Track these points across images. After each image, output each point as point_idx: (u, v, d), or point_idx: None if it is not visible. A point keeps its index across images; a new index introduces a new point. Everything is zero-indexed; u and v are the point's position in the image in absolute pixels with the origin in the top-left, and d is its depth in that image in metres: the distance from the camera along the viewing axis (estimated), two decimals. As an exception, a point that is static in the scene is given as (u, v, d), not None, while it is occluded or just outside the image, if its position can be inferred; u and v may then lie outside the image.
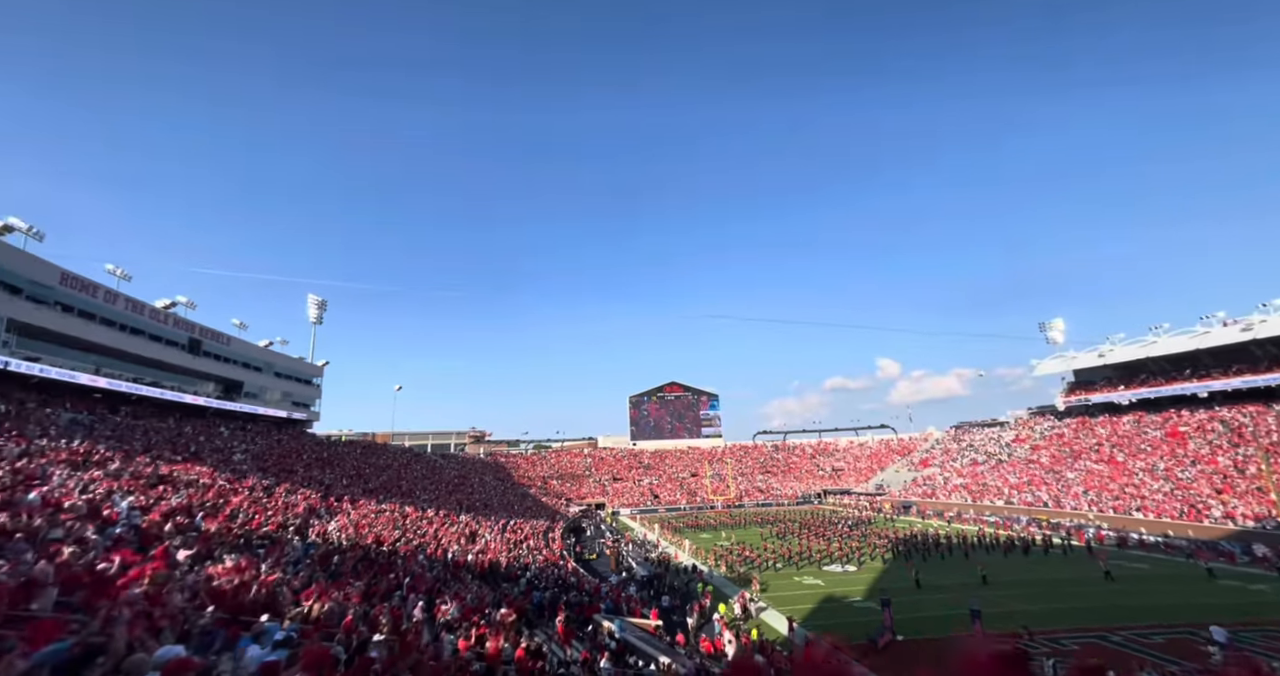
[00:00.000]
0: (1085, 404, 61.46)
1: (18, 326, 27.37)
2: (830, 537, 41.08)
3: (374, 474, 45.25)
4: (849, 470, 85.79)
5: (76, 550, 7.93)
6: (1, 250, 26.80)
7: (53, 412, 25.36)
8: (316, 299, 62.84)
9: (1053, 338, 71.07)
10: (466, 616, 12.72)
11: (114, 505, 13.16)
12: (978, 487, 55.87)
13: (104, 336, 32.24)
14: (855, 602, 24.21)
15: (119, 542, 10.03)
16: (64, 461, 17.40)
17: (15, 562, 6.72)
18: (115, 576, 6.93)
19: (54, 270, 29.33)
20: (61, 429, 23.20)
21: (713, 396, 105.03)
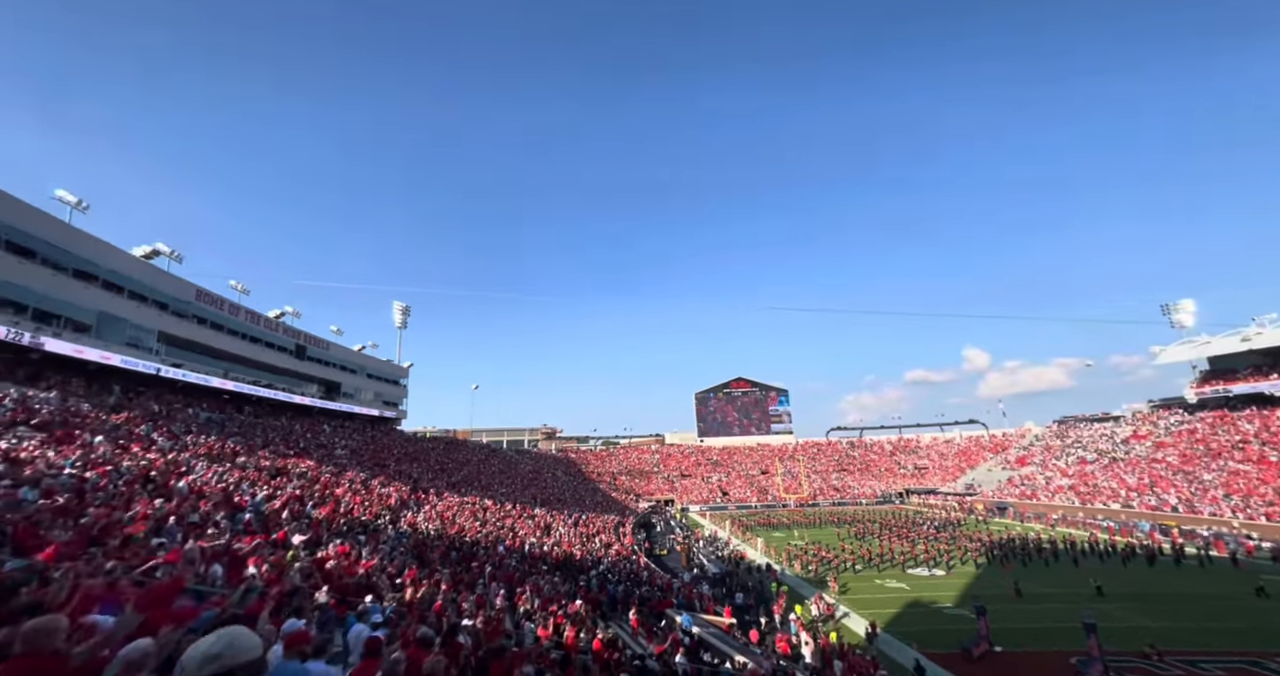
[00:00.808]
0: (1224, 395, 53.40)
1: (165, 337, 31.78)
2: (915, 539, 38.66)
3: (456, 468, 48.22)
4: (934, 468, 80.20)
5: (215, 532, 9.08)
6: (151, 272, 31.22)
7: (193, 412, 29.21)
8: (401, 305, 67.72)
9: (1179, 321, 62.26)
10: (545, 606, 13.22)
11: (242, 493, 14.95)
12: (1087, 489, 50.25)
13: (229, 344, 36.68)
14: (945, 609, 22.64)
15: (247, 527, 11.34)
16: (203, 455, 20.01)
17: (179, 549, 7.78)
18: (246, 556, 7.88)
19: (190, 287, 33.77)
20: (200, 426, 26.68)
21: (782, 392, 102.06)
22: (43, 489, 9.37)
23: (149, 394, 28.28)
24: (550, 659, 7.52)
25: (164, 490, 12.48)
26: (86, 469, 12.18)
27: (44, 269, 24.37)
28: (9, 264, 22.66)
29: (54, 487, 9.78)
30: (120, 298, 28.53)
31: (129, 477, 12.51)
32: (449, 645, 6.11)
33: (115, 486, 11.33)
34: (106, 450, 15.08)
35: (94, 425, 17.96)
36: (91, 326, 26.51)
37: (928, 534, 41.39)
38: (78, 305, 25.92)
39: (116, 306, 28.17)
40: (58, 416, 17.12)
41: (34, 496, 8.80)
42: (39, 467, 10.99)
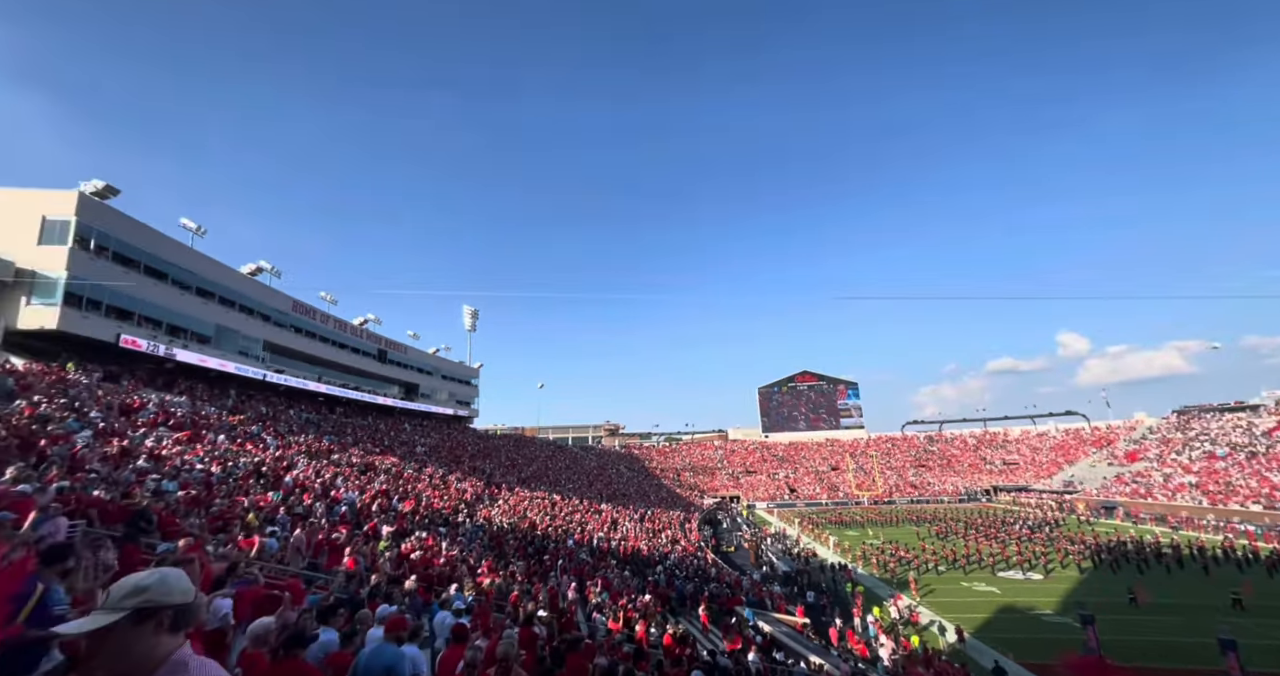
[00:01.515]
0: (1396, 377, 45.11)
1: (269, 346, 35.39)
2: (1005, 540, 35.77)
3: (525, 464, 50.18)
4: (1026, 464, 73.73)
5: (315, 522, 9.98)
6: (256, 287, 34.83)
7: (294, 413, 32.33)
8: (470, 309, 71.27)
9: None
10: (615, 600, 13.46)
11: (337, 488, 16.34)
12: (1219, 488, 44.24)
13: (321, 350, 40.21)
14: (1043, 616, 20.80)
15: (342, 518, 12.38)
16: (303, 452, 22.09)
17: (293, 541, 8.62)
18: (343, 545, 8.61)
19: (288, 299, 37.33)
20: (300, 426, 29.48)
21: (851, 384, 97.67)
22: (180, 482, 10.73)
23: (258, 397, 31.58)
24: (624, 652, 7.65)
25: (273, 483, 13.90)
26: (212, 464, 13.81)
27: (174, 289, 27.81)
28: (147, 285, 26.04)
29: (188, 481, 11.17)
30: (233, 311, 32.04)
31: (245, 472, 14.04)
32: (526, 635, 6.36)
33: (234, 480, 12.75)
34: (227, 448, 17.01)
35: (216, 425, 20.30)
36: (211, 338, 29.96)
37: (1020, 534, 38.14)
38: (200, 319, 29.38)
39: (230, 319, 31.66)
40: (188, 418, 19.52)
41: (174, 488, 10.09)
42: (176, 463, 12.58)
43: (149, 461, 11.66)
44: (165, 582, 1.46)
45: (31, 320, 21.48)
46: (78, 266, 22.41)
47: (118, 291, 24.20)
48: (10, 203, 22.68)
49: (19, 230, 22.17)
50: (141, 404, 18.20)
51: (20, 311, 21.47)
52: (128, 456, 11.39)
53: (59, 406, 13.67)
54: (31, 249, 22.07)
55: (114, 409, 16.31)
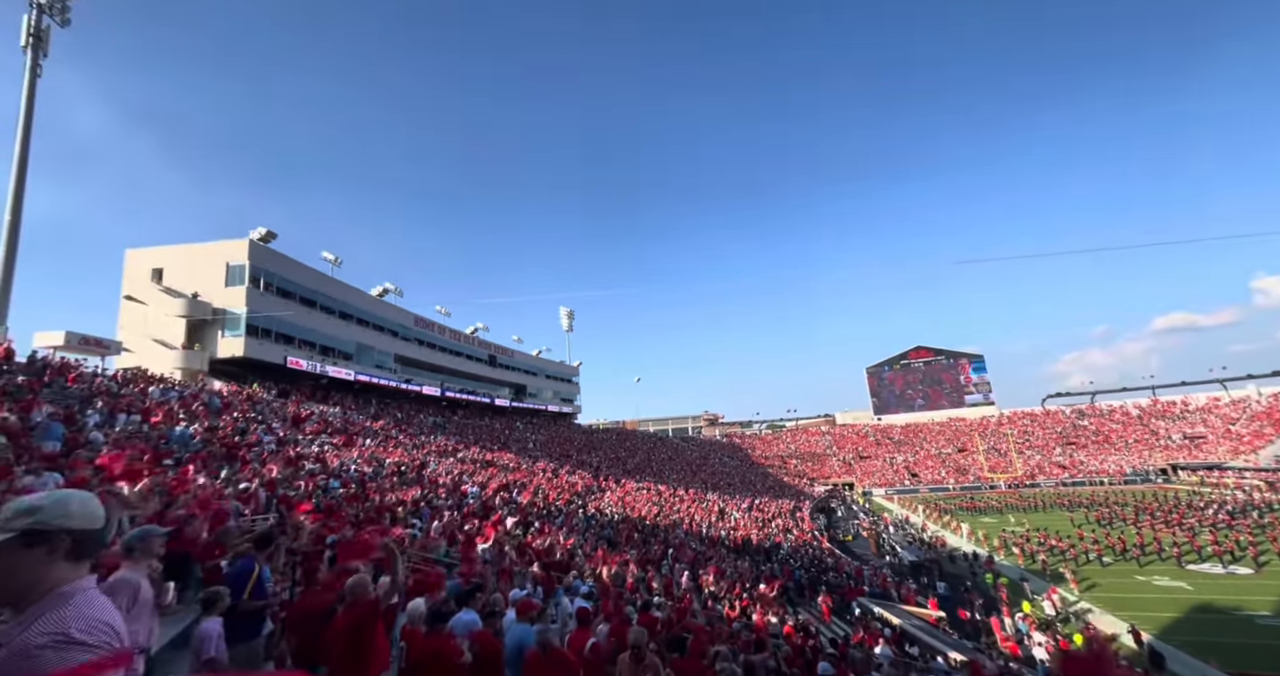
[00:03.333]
0: None
1: (399, 358, 39.98)
2: (1195, 527, 30.12)
3: (629, 456, 51.70)
4: (1217, 437, 61.29)
5: (450, 515, 11.08)
6: (385, 307, 39.48)
7: (423, 417, 36.26)
8: (566, 310, 74.74)
9: None
10: (730, 588, 13.44)
11: (465, 483, 18.04)
12: None
13: (440, 359, 44.57)
14: (1256, 618, 17.25)
15: (471, 511, 13.62)
16: (434, 451, 24.68)
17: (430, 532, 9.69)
18: (475, 534, 9.48)
19: (410, 315, 41.84)
20: (429, 429, 32.97)
21: (975, 358, 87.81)
22: (341, 480, 12.52)
23: (393, 404, 35.80)
24: (744, 640, 7.61)
25: (412, 480, 15.70)
26: (364, 465, 15.93)
27: (321, 314, 32.45)
28: (302, 313, 30.65)
29: (348, 479, 13.00)
30: (368, 330, 36.61)
31: (389, 471, 16.01)
32: (645, 620, 6.56)
33: (381, 478, 14.59)
34: (374, 450, 19.53)
35: (363, 431, 23.38)
36: (353, 355, 34.50)
37: (1216, 520, 31.85)
38: (344, 339, 33.95)
39: (366, 337, 36.22)
40: (341, 425, 22.71)
41: (337, 486, 11.81)
42: (336, 465, 14.70)
43: (315, 464, 13.74)
44: (63, 504, 1.30)
45: (226, 349, 26.31)
46: (253, 302, 27.00)
47: (283, 321, 28.72)
48: (203, 254, 27.87)
49: (212, 276, 27.23)
50: (308, 415, 21.46)
51: (219, 343, 26.37)
52: (302, 459, 13.53)
53: (251, 420, 16.58)
54: (222, 291, 26.99)
55: (288, 421, 19.41)
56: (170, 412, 13.41)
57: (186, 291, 26.50)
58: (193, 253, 28.01)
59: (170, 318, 25.84)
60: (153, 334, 25.62)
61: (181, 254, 28.03)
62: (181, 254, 28.03)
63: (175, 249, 28.45)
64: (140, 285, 26.81)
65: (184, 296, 26.23)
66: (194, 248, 28.37)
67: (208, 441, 11.83)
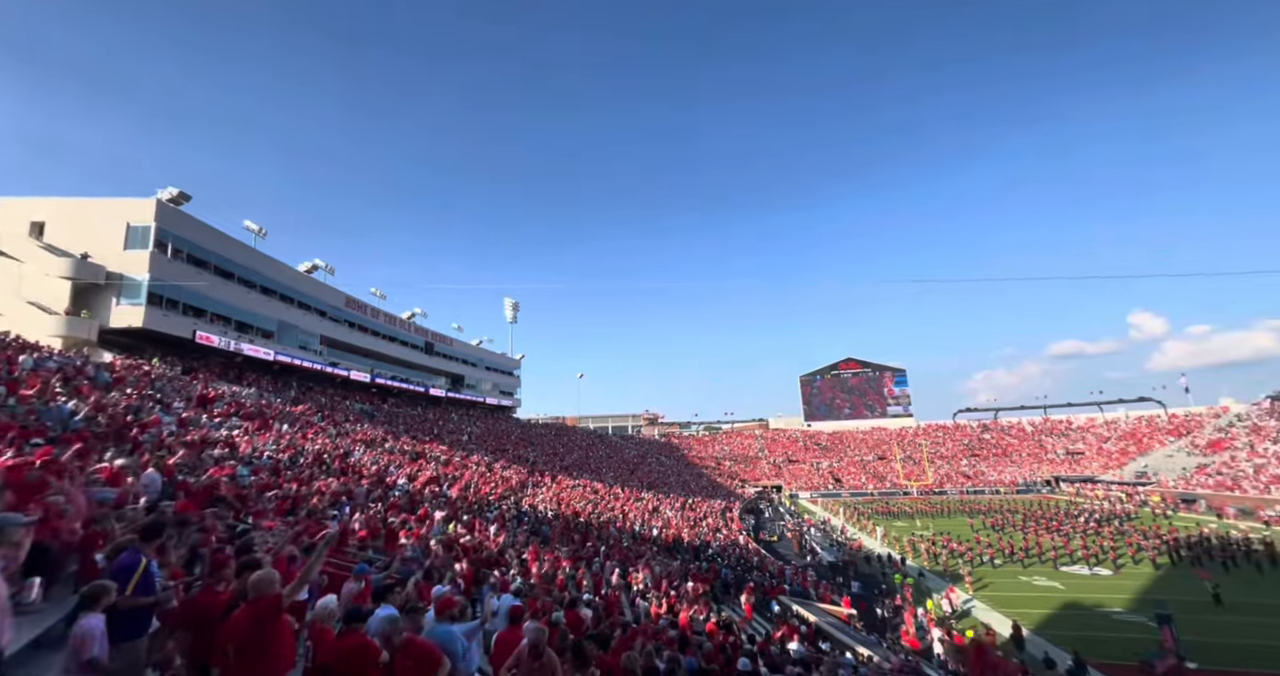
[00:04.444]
0: None
1: (325, 340, 37.42)
2: (1070, 533, 33.87)
3: (566, 453, 51.25)
4: (1093, 453, 69.25)
5: (375, 508, 10.52)
6: (313, 284, 36.81)
7: (349, 403, 34.17)
8: (511, 301, 72.90)
9: None
10: (657, 586, 13.62)
11: (391, 474, 17.19)
12: (1317, 480, 40.24)
13: (372, 344, 42.19)
14: (1114, 614, 19.63)
15: (398, 505, 13.00)
16: (360, 440, 23.33)
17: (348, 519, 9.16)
18: (399, 529, 9.05)
19: (341, 295, 39.28)
20: (355, 416, 31.13)
21: (899, 371, 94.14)
22: (253, 468, 11.55)
23: (317, 389, 33.51)
24: (668, 637, 7.74)
25: (333, 470, 14.76)
26: (279, 452, 14.79)
27: (240, 287, 29.78)
28: (217, 285, 27.99)
29: (260, 467, 12.02)
30: (292, 308, 34.00)
31: (308, 460, 14.97)
32: (572, 617, 6.52)
33: (299, 467, 13.62)
34: (291, 436, 18.17)
35: (281, 415, 21.71)
36: (274, 333, 31.94)
37: (1086, 527, 35.98)
38: (264, 316, 31.34)
39: (290, 315, 33.63)
40: (257, 408, 20.96)
41: (247, 473, 10.88)
42: (248, 451, 13.55)
43: (224, 449, 12.61)
44: None
45: (121, 319, 23.54)
46: (158, 269, 24.33)
47: (192, 291, 26.11)
48: (100, 211, 24.80)
49: (108, 236, 24.24)
50: (216, 395, 19.65)
51: (112, 311, 23.55)
52: (206, 444, 12.36)
53: (147, 397, 14.95)
54: (119, 254, 24.11)
55: (193, 400, 17.68)
56: (46, 385, 11.83)
57: (74, 250, 23.47)
58: (85, 208, 24.86)
59: (51, 278, 22.76)
60: (28, 296, 22.49)
61: (70, 208, 24.81)
62: (70, 208, 24.81)
63: (62, 202, 25.13)
64: (15, 240, 23.47)
65: (70, 256, 23.19)
66: (86, 202, 25.19)
67: (91, 420, 10.54)
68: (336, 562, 6.39)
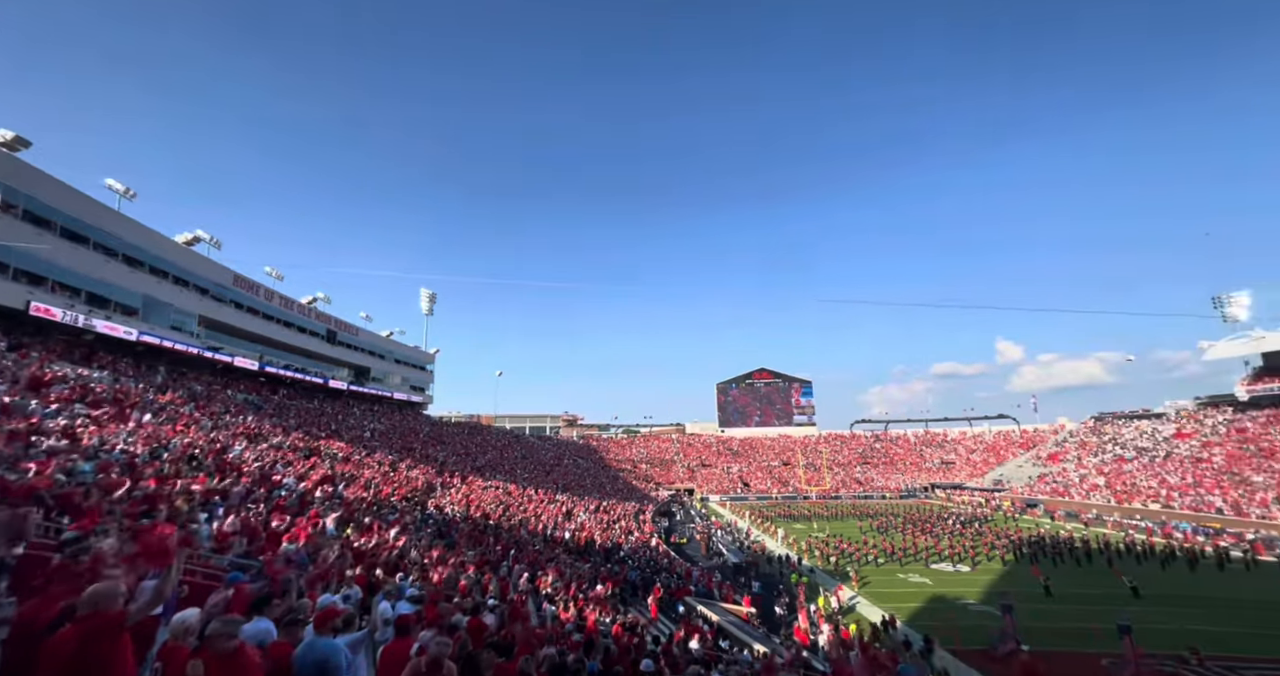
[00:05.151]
0: (1278, 394, 50.58)
1: (205, 321, 33.14)
2: (940, 534, 38.00)
3: (480, 453, 49.29)
4: (961, 463, 78.40)
5: (256, 509, 9.45)
6: (193, 258, 32.46)
7: (231, 393, 30.46)
8: (428, 292, 68.97)
9: (1233, 314, 58.94)
10: (566, 589, 13.46)
11: (279, 473, 15.55)
12: (1125, 488, 48.45)
13: (264, 328, 38.03)
14: (969, 605, 22.25)
15: (284, 506, 11.78)
16: (241, 434, 20.87)
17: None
18: (283, 533, 8.19)
19: (228, 273, 35.01)
20: (238, 407, 27.82)
21: (805, 383, 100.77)
22: (98, 463, 9.90)
23: (190, 375, 29.56)
24: (573, 640, 7.66)
25: (207, 467, 13.07)
26: (137, 445, 12.82)
27: (96, 254, 25.55)
28: (65, 250, 23.82)
29: (108, 462, 10.33)
30: (165, 283, 29.77)
31: (174, 455, 13.13)
32: (474, 624, 6.25)
33: (162, 463, 11.90)
34: (154, 428, 15.84)
35: (142, 404, 18.86)
36: (138, 310, 27.76)
37: (953, 529, 40.59)
38: (126, 289, 27.14)
39: (161, 291, 29.41)
40: (110, 395, 18.03)
41: (90, 469, 9.30)
42: (94, 443, 11.60)
43: (62, 440, 10.71)
44: None
45: (-76, 281, 19.34)
46: (-17, 223, 20.29)
47: (26, 253, 22.04)
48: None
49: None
50: (54, 377, 16.70)
51: (-89, 270, 19.29)
52: (38, 434, 10.43)
53: (-45, 377, 12.33)
54: (-74, 201, 19.82)
55: (21, 382, 14.88)
56: None
57: None
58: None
59: None
60: None
61: None
62: None
63: None
64: None
65: None
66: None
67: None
68: (206, 571, 5.65)
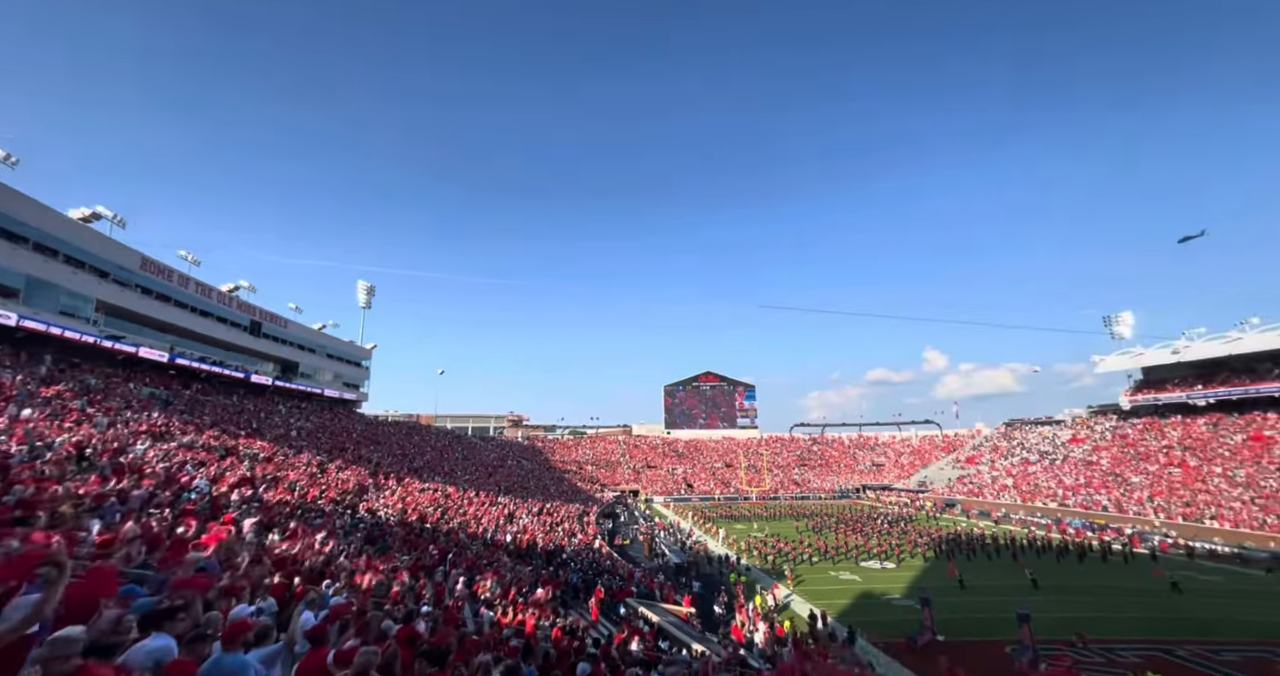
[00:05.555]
0: (1154, 404, 57.26)
1: (105, 307, 29.81)
2: (869, 533, 40.15)
3: (418, 454, 47.22)
4: (890, 465, 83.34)
5: (159, 514, 8.59)
6: (90, 236, 29.13)
7: (134, 387, 27.55)
8: (366, 284, 65.43)
9: (1119, 332, 66.29)
10: (505, 594, 13.13)
11: (188, 474, 14.21)
12: (1029, 488, 53.22)
13: (177, 317, 34.72)
14: (894, 600, 23.64)
15: (193, 510, 10.77)
16: (145, 432, 18.91)
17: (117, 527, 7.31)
18: (190, 540, 7.47)
19: (135, 255, 31.69)
20: (141, 402, 25.20)
21: (749, 387, 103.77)
22: (-40, 464, 8.65)
23: (85, 366, 26.53)
24: (511, 646, 7.47)
25: (100, 468, 11.73)
26: (11, 441, 11.33)
27: (-34, 226, 22.44)
28: (-75, 219, 20.76)
29: (-27, 463, 9.04)
30: (54, 262, 26.57)
31: (59, 455, 11.71)
32: (406, 633, 5.96)
33: (43, 462, 10.58)
34: (34, 423, 14.06)
35: (18, 397, 16.71)
36: (19, 291, 24.62)
37: (881, 528, 43.03)
38: (5, 268, 24.01)
39: (49, 271, 26.23)
40: (-20, 386, 15.84)
41: (-50, 471, 8.11)
42: (-44, 441, 10.13)
43: (-84, 437, 9.28)
44: None
45: None
46: None
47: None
48: None
49: None
50: (-90, 365, 14.49)
51: None
52: (-117, 429, 8.97)
53: None
54: None
55: None
56: None
57: None
58: None
59: None
60: None
61: None
62: None
63: None
64: None
65: None
66: None
67: None
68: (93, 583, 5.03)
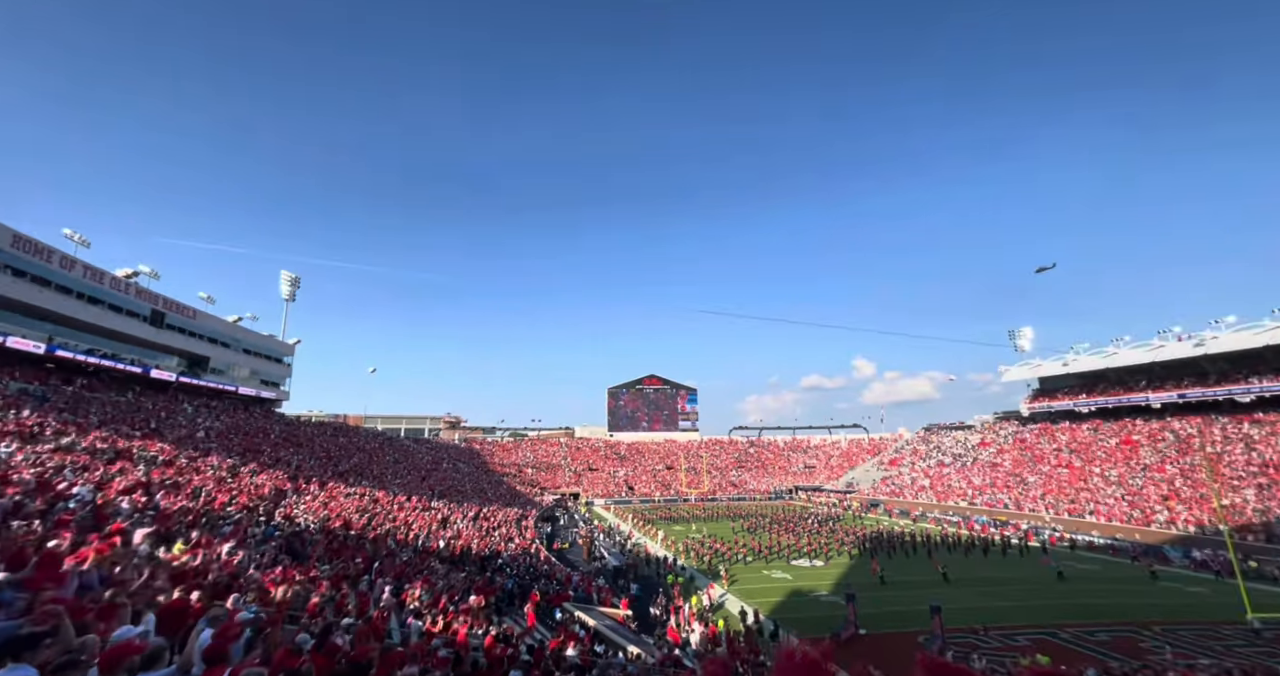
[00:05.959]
0: (1048, 410, 63.71)
1: (-35, 289, 25.92)
2: (800, 533, 41.90)
3: (344, 456, 44.36)
4: (821, 467, 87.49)
5: (26, 525, 7.58)
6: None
7: (1, 382, 24.12)
8: (290, 275, 60.92)
9: (1021, 346, 73.37)
10: (435, 602, 12.60)
11: (66, 480, 12.61)
12: (943, 488, 57.61)
13: (59, 304, 30.74)
14: (821, 596, 24.78)
15: (70, 521, 9.57)
16: (12, 433, 16.59)
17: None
18: (65, 554, 6.62)
19: (5, 232, 27.77)
20: (10, 399, 22.10)
21: (691, 390, 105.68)
22: None
23: (-62, 355, 22.93)
24: (440, 656, 7.16)
25: (-47, 474, 10.18)
26: None
27: None
28: None
29: None
30: (-98, 233, 22.81)
31: (-100, 457, 10.04)
32: (324, 647, 5.58)
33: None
34: None
35: None
36: None
37: (811, 527, 45.06)
38: None
39: (-105, 243, 22.49)
40: None
41: None
42: None
43: None
44: None
45: None
46: None
47: None
48: None
49: None
50: None
51: None
52: None
53: None
54: None
55: None
56: None
57: None
58: None
59: None
60: None
61: None
62: None
63: None
64: None
65: None
66: None
67: None
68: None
